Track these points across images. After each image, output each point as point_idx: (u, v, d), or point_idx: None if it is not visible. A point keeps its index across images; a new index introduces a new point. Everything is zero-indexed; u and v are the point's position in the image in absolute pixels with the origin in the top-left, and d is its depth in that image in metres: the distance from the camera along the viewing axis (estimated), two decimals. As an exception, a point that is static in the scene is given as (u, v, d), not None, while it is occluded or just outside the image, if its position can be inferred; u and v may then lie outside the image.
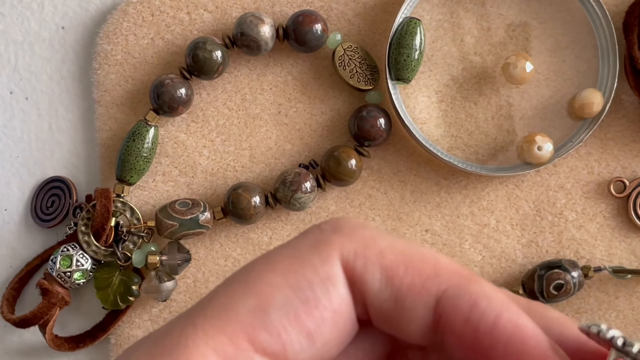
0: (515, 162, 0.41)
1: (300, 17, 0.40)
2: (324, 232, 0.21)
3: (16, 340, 0.43)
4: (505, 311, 0.19)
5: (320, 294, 0.19)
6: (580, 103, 0.40)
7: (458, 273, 0.20)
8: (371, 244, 0.20)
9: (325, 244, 0.20)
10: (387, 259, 0.20)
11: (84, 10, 0.44)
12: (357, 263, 0.20)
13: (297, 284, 0.19)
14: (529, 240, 0.42)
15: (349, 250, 0.20)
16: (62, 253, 0.41)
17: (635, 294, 0.41)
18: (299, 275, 0.19)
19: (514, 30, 0.42)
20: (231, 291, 0.19)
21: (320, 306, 0.19)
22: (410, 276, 0.20)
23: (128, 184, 0.41)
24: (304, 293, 0.19)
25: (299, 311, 0.19)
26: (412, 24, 0.40)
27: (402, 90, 0.42)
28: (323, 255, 0.20)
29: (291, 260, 0.20)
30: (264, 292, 0.19)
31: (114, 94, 0.42)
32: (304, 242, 0.20)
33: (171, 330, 0.19)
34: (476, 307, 0.19)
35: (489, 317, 0.19)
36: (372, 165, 0.42)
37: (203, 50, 0.40)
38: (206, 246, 0.42)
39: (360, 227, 0.21)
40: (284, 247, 0.21)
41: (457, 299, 0.19)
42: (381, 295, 0.20)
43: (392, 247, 0.20)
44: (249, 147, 0.42)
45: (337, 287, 0.20)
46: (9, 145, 0.44)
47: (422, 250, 0.20)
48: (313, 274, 0.20)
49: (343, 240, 0.20)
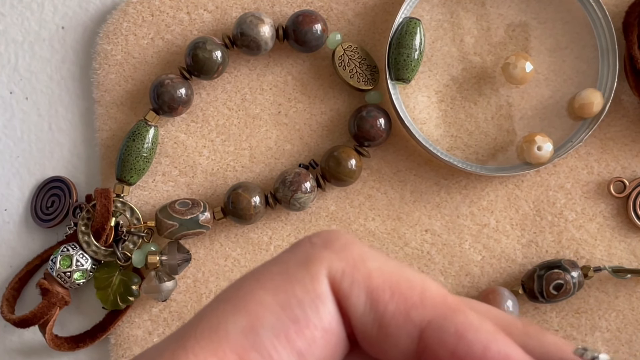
0: (515, 162, 0.41)
1: (300, 17, 0.40)
2: (314, 247, 0.20)
3: (16, 340, 0.43)
4: (493, 342, 0.19)
5: (311, 313, 0.19)
6: (580, 103, 0.40)
7: (444, 302, 0.19)
8: (360, 265, 0.20)
9: (314, 260, 0.20)
10: (374, 282, 0.19)
11: (84, 10, 0.44)
12: (343, 282, 0.19)
13: (287, 303, 0.19)
14: (529, 240, 0.42)
15: (337, 268, 0.20)
16: (62, 253, 0.41)
17: (635, 293, 0.41)
18: (289, 293, 0.19)
19: (514, 30, 0.42)
20: (221, 310, 0.19)
21: (311, 325, 0.19)
22: (395, 302, 0.19)
23: (128, 184, 0.41)
24: (294, 312, 0.19)
25: (290, 331, 0.19)
26: (412, 24, 0.40)
27: (402, 90, 0.42)
28: (312, 272, 0.19)
29: (281, 278, 0.19)
30: (254, 311, 0.19)
31: (114, 94, 0.42)
32: (293, 258, 0.20)
33: (162, 353, 0.19)
34: (463, 339, 0.19)
35: (477, 349, 0.19)
36: (372, 165, 0.42)
37: (203, 50, 0.40)
38: (206, 246, 0.42)
39: (352, 244, 0.20)
40: (273, 262, 0.20)
41: (443, 331, 0.19)
42: (365, 318, 0.19)
43: (380, 269, 0.20)
44: (249, 147, 0.42)
45: (327, 305, 0.19)
46: (9, 145, 0.44)
47: (410, 274, 0.20)
48: (303, 292, 0.19)
49: (332, 257, 0.20)
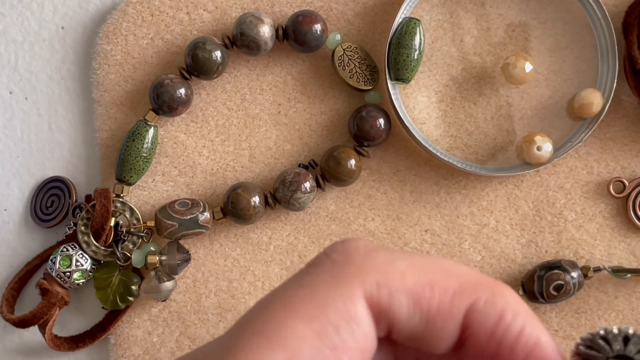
0: (514, 162, 0.41)
1: (299, 17, 0.40)
2: (337, 265, 0.20)
3: (16, 340, 0.43)
4: (528, 326, 0.19)
5: (347, 337, 0.19)
6: (580, 103, 0.40)
7: (482, 285, 0.20)
8: (390, 270, 0.20)
9: (344, 281, 0.19)
10: (410, 282, 0.19)
11: (84, 10, 0.44)
12: (381, 295, 0.19)
13: (323, 331, 0.19)
14: (529, 240, 0.42)
15: (370, 282, 0.19)
16: (62, 253, 0.41)
17: (634, 293, 0.41)
18: (323, 321, 0.19)
19: (514, 30, 0.42)
20: (255, 346, 0.19)
21: (347, 349, 0.19)
22: (437, 296, 0.19)
23: (128, 184, 0.41)
24: (331, 340, 0.19)
25: (329, 359, 0.19)
26: (411, 24, 0.40)
27: (401, 91, 0.42)
28: (345, 295, 0.19)
29: (311, 304, 0.19)
30: (291, 345, 0.18)
31: (114, 94, 0.42)
32: (318, 280, 0.20)
33: None
34: (502, 321, 0.19)
35: (513, 331, 0.19)
36: (372, 165, 0.42)
37: (203, 50, 0.40)
38: (206, 246, 0.42)
39: (373, 252, 0.20)
40: (300, 286, 0.20)
41: (484, 314, 0.19)
42: (411, 321, 0.20)
43: (412, 267, 0.20)
44: (249, 147, 0.42)
45: (362, 326, 0.19)
46: (9, 145, 0.44)
47: (442, 264, 0.20)
48: (338, 317, 0.19)
49: (361, 272, 0.19)
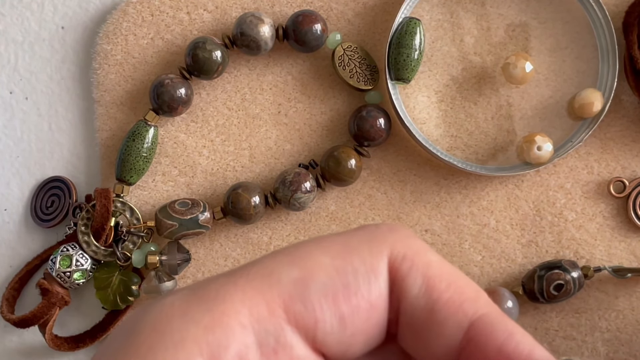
0: (515, 162, 0.41)
1: (299, 17, 0.40)
2: (379, 229, 0.21)
3: (16, 340, 0.43)
4: (537, 349, 0.20)
5: (362, 283, 0.20)
6: (580, 103, 0.40)
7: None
8: (421, 253, 0.21)
9: (378, 239, 0.21)
10: (432, 271, 0.20)
11: (84, 10, 0.44)
12: (403, 265, 0.20)
13: (342, 268, 0.20)
14: (529, 240, 0.42)
15: (399, 250, 0.20)
16: (62, 253, 0.41)
17: (635, 293, 0.41)
18: (346, 261, 0.20)
19: (514, 30, 0.42)
20: (277, 260, 0.20)
21: (359, 294, 0.20)
22: (450, 292, 0.20)
23: (128, 184, 0.41)
24: (346, 278, 0.20)
25: (338, 294, 0.19)
26: (411, 24, 0.40)
27: (401, 90, 0.42)
28: (374, 249, 0.20)
29: (342, 247, 0.20)
30: (309, 267, 0.20)
31: (114, 94, 0.42)
32: (358, 234, 0.21)
33: (210, 284, 0.19)
34: (512, 338, 0.19)
35: (523, 350, 0.19)
36: (372, 165, 0.42)
37: (203, 50, 0.40)
38: (206, 246, 0.42)
39: (415, 237, 0.21)
40: (338, 235, 0.21)
41: (494, 326, 0.20)
42: (417, 301, 0.20)
43: (440, 263, 0.21)
44: (249, 147, 0.42)
45: (379, 280, 0.20)
46: (9, 145, 0.44)
47: (468, 278, 0.21)
48: (360, 263, 0.20)
49: (396, 240, 0.21)
